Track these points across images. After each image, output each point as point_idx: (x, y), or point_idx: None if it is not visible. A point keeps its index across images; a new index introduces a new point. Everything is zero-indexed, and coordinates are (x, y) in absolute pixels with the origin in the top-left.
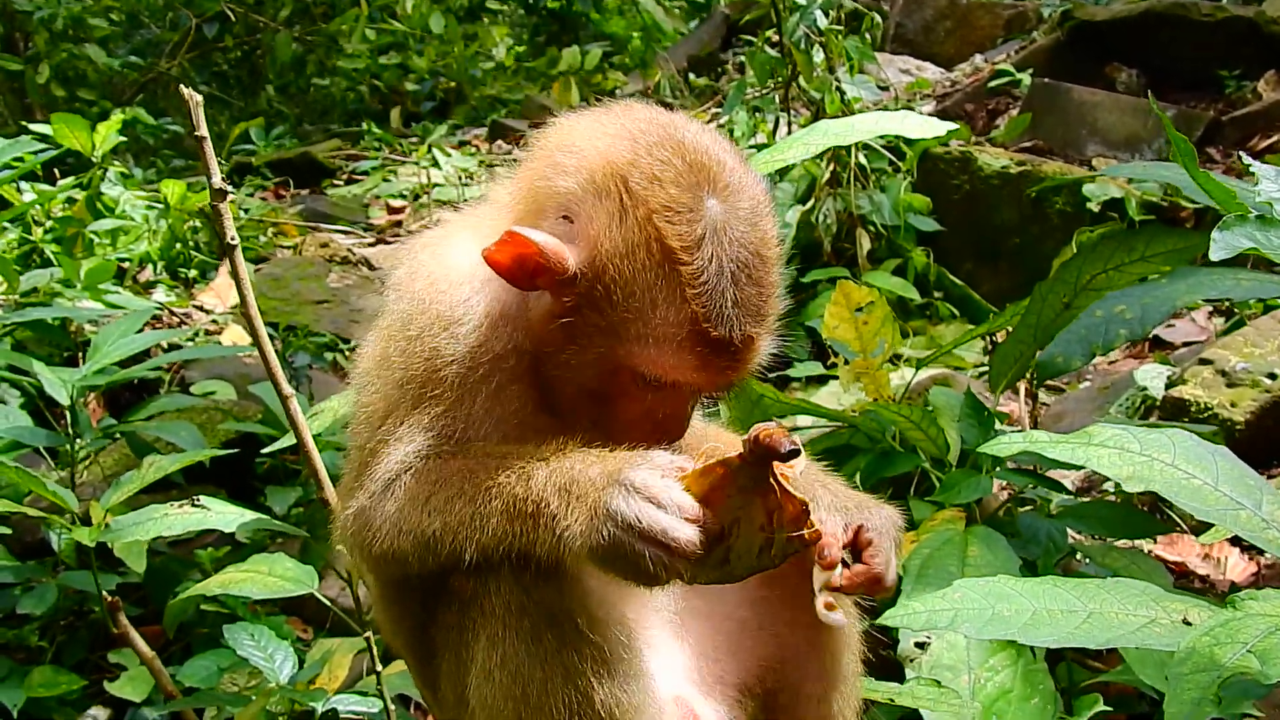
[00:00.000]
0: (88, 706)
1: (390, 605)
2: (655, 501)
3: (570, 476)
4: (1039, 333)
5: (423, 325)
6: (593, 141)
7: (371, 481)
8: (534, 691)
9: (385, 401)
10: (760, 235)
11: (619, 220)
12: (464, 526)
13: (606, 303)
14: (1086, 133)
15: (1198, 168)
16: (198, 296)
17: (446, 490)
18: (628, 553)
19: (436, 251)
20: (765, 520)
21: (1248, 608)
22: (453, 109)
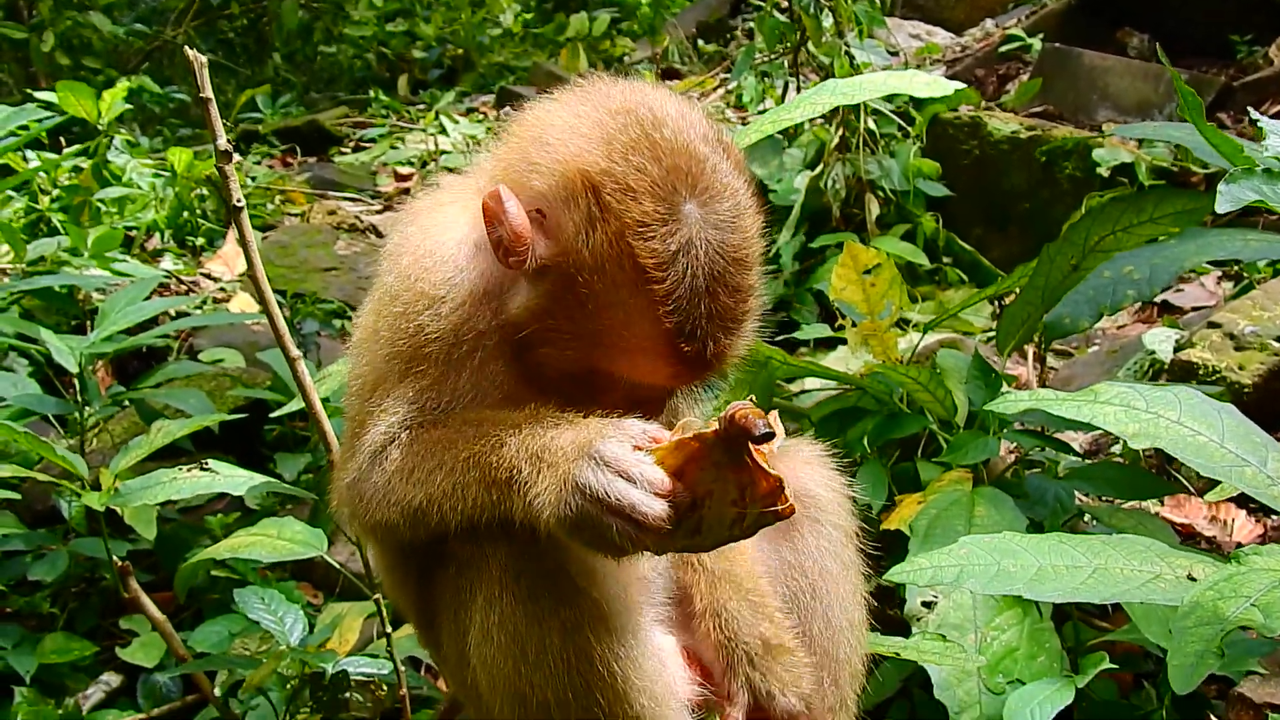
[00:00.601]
0: (100, 673)
1: (392, 569)
2: (625, 475)
3: (542, 443)
4: (1047, 294)
5: (407, 301)
6: (566, 142)
7: (360, 453)
8: (532, 649)
9: (374, 373)
10: (740, 238)
11: (589, 232)
12: (446, 498)
13: (579, 311)
14: (1097, 98)
15: (1205, 122)
16: (205, 264)
17: (428, 462)
18: (595, 525)
19: (424, 225)
20: (737, 495)
21: (1251, 562)
22: (460, 76)
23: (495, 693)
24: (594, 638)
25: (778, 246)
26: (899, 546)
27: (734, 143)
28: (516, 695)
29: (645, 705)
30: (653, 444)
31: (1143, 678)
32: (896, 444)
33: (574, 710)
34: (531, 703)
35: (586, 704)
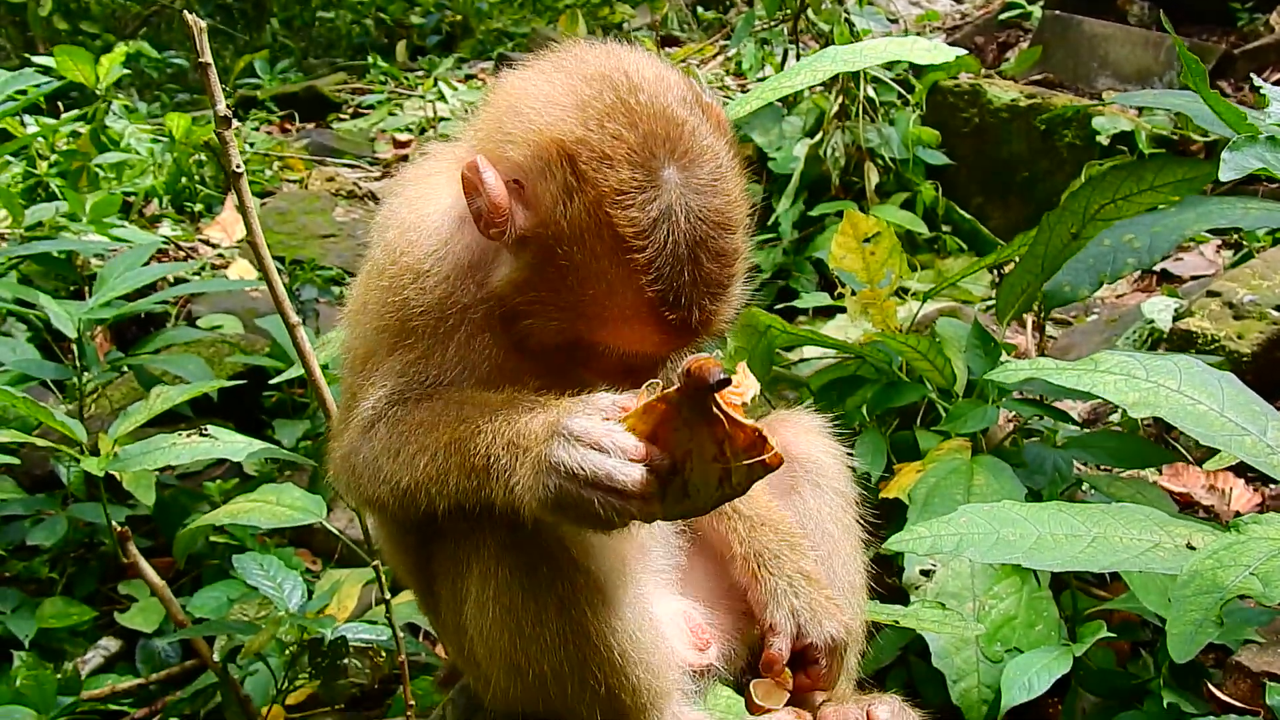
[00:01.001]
0: (98, 637)
1: (391, 538)
2: (597, 446)
3: (516, 429)
4: (1046, 263)
5: (393, 275)
6: (540, 111)
7: (353, 425)
8: (528, 623)
9: (364, 345)
10: (723, 201)
11: (566, 203)
12: (431, 482)
13: (560, 282)
14: (1097, 66)
15: (1208, 88)
16: (203, 231)
17: (411, 444)
18: (576, 501)
19: (409, 196)
20: (717, 451)
21: (1250, 531)
22: (459, 42)
23: (493, 662)
24: (590, 611)
25: (777, 215)
26: (898, 515)
27: (716, 104)
28: (513, 666)
29: (641, 677)
30: (621, 414)
31: (1140, 646)
32: (895, 412)
33: (570, 682)
34: (528, 673)
35: (582, 676)
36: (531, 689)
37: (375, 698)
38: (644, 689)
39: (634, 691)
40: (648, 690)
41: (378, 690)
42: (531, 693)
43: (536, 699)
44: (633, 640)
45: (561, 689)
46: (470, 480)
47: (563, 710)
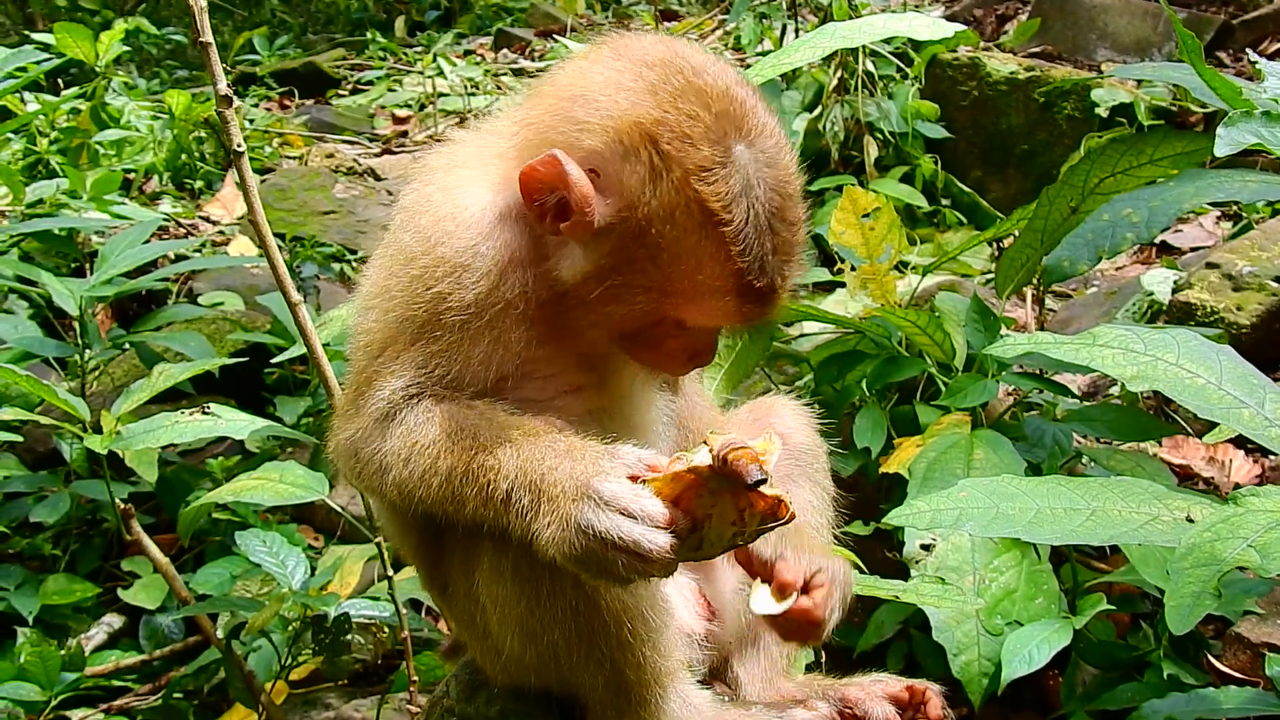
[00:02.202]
0: (102, 614)
1: (394, 515)
2: (626, 513)
3: (540, 472)
4: (1046, 237)
5: (426, 265)
6: (613, 96)
7: (363, 414)
8: (544, 591)
9: (384, 332)
10: (787, 174)
11: (653, 183)
12: (446, 502)
13: (650, 263)
14: (1096, 37)
15: (1204, 64)
16: (204, 208)
17: (423, 461)
18: (599, 561)
19: (444, 185)
20: (736, 516)
21: (1249, 504)
22: (457, 18)
23: (505, 628)
24: (603, 586)
25: None
26: (898, 489)
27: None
28: (527, 632)
29: (648, 655)
30: (649, 472)
31: (1140, 618)
32: (895, 387)
33: (578, 652)
34: (542, 640)
35: (590, 648)
36: (543, 656)
37: (378, 673)
38: (649, 666)
39: (639, 668)
40: (652, 668)
41: (381, 666)
42: (542, 660)
43: (546, 666)
44: (643, 619)
45: (570, 658)
46: (487, 510)
47: (570, 680)
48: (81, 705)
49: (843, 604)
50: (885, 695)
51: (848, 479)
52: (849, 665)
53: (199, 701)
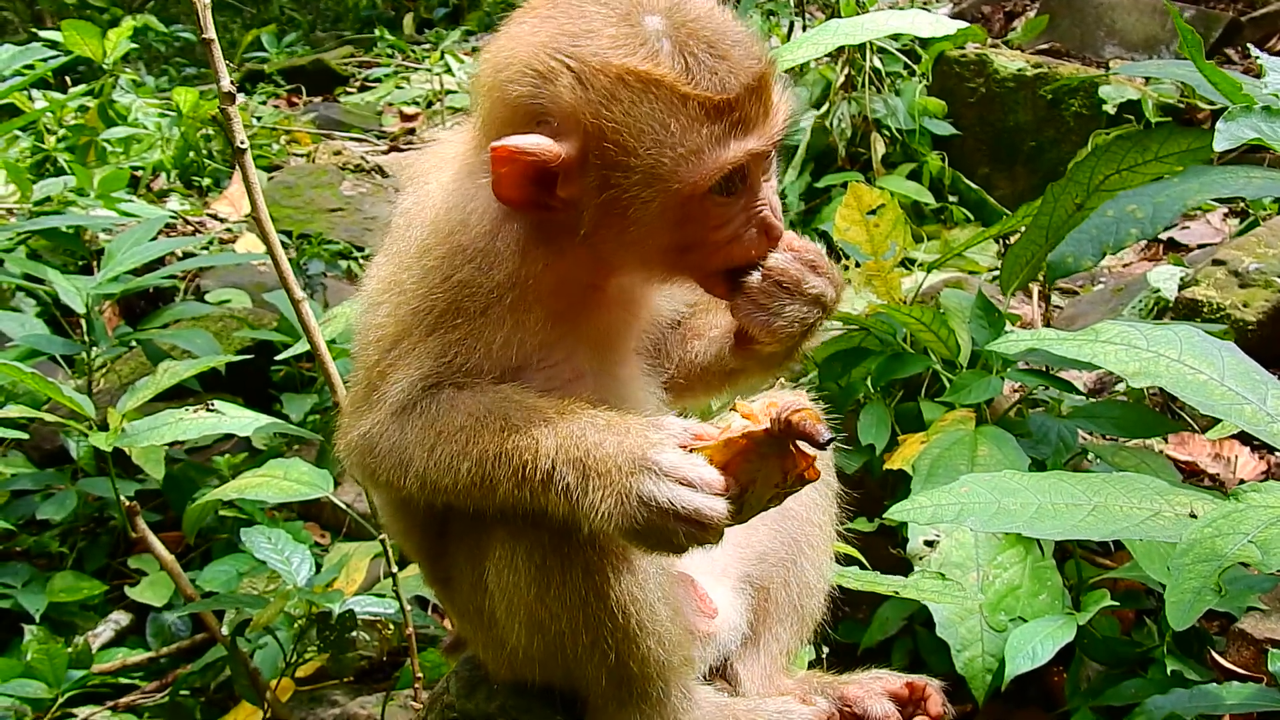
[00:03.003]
0: (109, 611)
1: (400, 509)
2: (685, 482)
3: (584, 448)
4: (1051, 233)
5: (443, 255)
6: (520, 40)
7: (378, 408)
8: (555, 580)
9: (397, 326)
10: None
11: (584, 86)
12: (474, 487)
13: (627, 158)
14: (1104, 34)
15: (1204, 60)
16: (211, 205)
17: (450, 446)
18: (660, 532)
19: (445, 182)
20: (780, 479)
21: (1250, 500)
22: (466, 15)
23: (513, 618)
24: (613, 577)
25: (783, 186)
26: (902, 486)
27: None
28: (534, 622)
29: (652, 649)
30: (695, 441)
31: (1144, 614)
32: (900, 384)
33: (584, 643)
34: (549, 630)
35: (597, 638)
36: (549, 647)
37: (384, 670)
38: (653, 660)
39: (643, 661)
40: (656, 662)
41: (386, 662)
42: (547, 651)
43: (551, 658)
44: (649, 612)
45: (575, 649)
46: (522, 492)
47: (574, 672)
48: (88, 702)
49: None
50: (885, 692)
51: (852, 475)
52: (853, 661)
53: (205, 698)
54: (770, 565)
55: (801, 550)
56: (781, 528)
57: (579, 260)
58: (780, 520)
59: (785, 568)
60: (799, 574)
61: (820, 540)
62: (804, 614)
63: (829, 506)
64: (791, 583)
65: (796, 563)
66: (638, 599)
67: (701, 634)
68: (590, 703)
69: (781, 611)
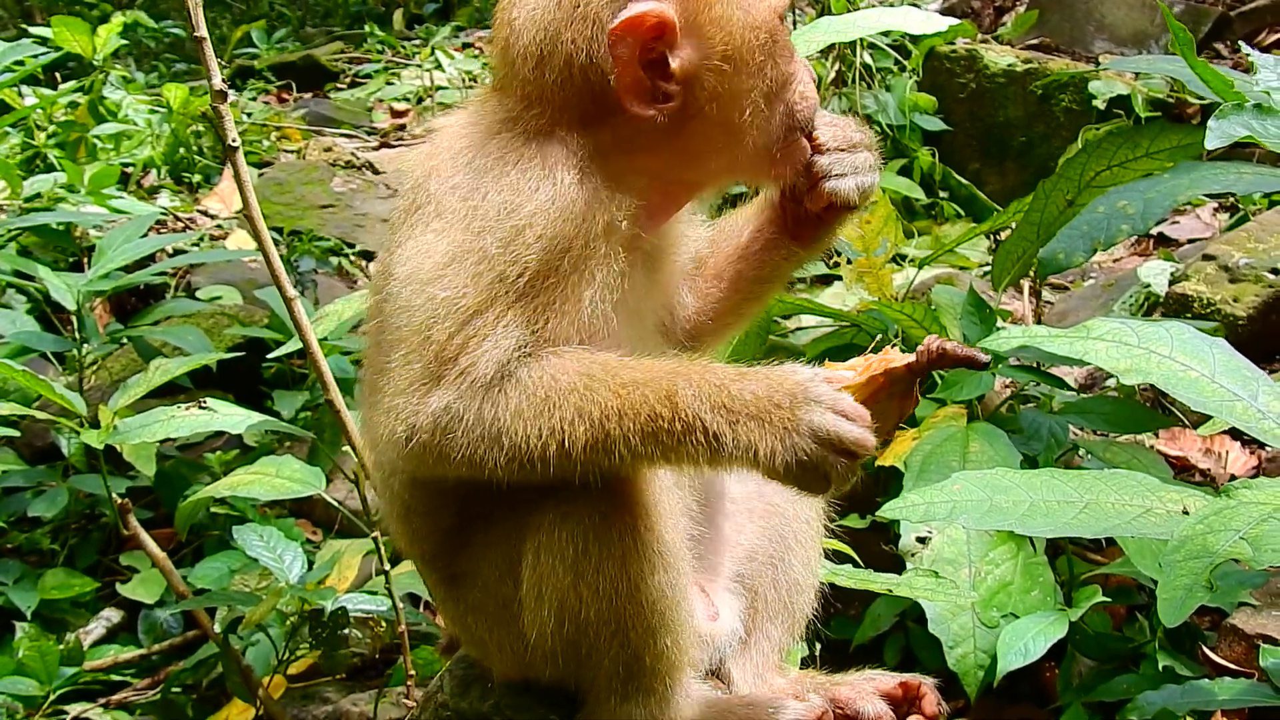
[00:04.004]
0: (100, 608)
1: (412, 503)
2: (845, 414)
3: (730, 394)
4: (1042, 230)
5: (533, 211)
6: None
7: (455, 385)
8: (590, 568)
9: (480, 296)
10: None
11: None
12: (589, 447)
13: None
14: (1093, 29)
15: (1195, 57)
16: (202, 201)
17: (563, 410)
18: (818, 464)
19: (501, 144)
20: (896, 421)
21: (1241, 496)
22: (455, 10)
23: (542, 605)
24: (647, 570)
25: None
26: (893, 482)
27: None
28: (565, 609)
29: (668, 645)
30: (840, 384)
31: (1136, 610)
32: None
33: (606, 633)
34: (579, 616)
35: (618, 630)
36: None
37: (376, 667)
38: (665, 656)
39: (656, 656)
40: (668, 658)
41: (379, 660)
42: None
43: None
44: (674, 609)
45: (595, 639)
46: (653, 446)
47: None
48: (80, 700)
49: None
50: (878, 692)
51: None
52: (845, 658)
53: (197, 695)
54: (759, 563)
55: (790, 547)
56: (769, 525)
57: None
58: (767, 518)
59: (774, 565)
60: (788, 571)
61: (808, 536)
62: (794, 611)
63: (816, 501)
64: (781, 580)
65: (785, 560)
66: (666, 595)
67: (704, 636)
68: (592, 696)
69: (772, 609)
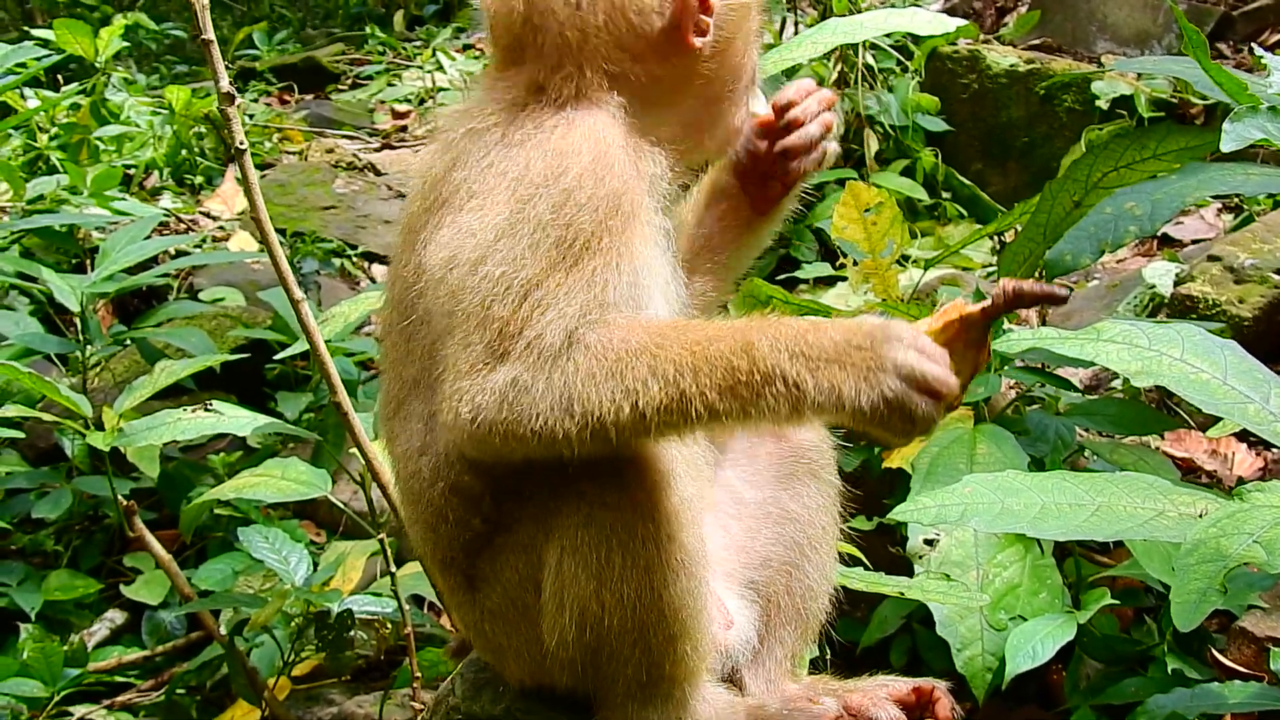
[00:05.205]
0: (104, 610)
1: (460, 506)
2: (925, 352)
3: (808, 342)
4: (1048, 231)
5: (582, 171)
6: None
7: (523, 359)
8: (614, 574)
9: (535, 266)
10: None
11: None
12: (661, 411)
13: None
14: (1096, 29)
15: (1209, 59)
16: (204, 203)
17: (636, 370)
18: (902, 403)
19: (525, 119)
20: (971, 372)
21: (1254, 499)
22: (456, 12)
23: (564, 611)
24: (670, 580)
25: None
26: (900, 485)
27: None
28: (587, 614)
29: (688, 652)
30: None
31: (1144, 612)
32: None
33: (628, 640)
34: (602, 623)
35: (640, 637)
36: (588, 644)
37: (381, 669)
38: (684, 663)
39: (675, 662)
40: (687, 664)
41: (384, 661)
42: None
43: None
44: (694, 617)
45: (615, 644)
46: (730, 399)
47: (605, 670)
48: (84, 701)
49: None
50: (891, 697)
51: (851, 473)
52: (853, 661)
53: (202, 697)
54: (774, 570)
55: (804, 554)
56: (784, 532)
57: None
58: (783, 524)
59: (788, 573)
60: (802, 578)
61: (823, 542)
62: (807, 617)
63: (831, 507)
64: (795, 588)
65: (800, 567)
66: (688, 603)
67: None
68: (609, 702)
69: (785, 616)
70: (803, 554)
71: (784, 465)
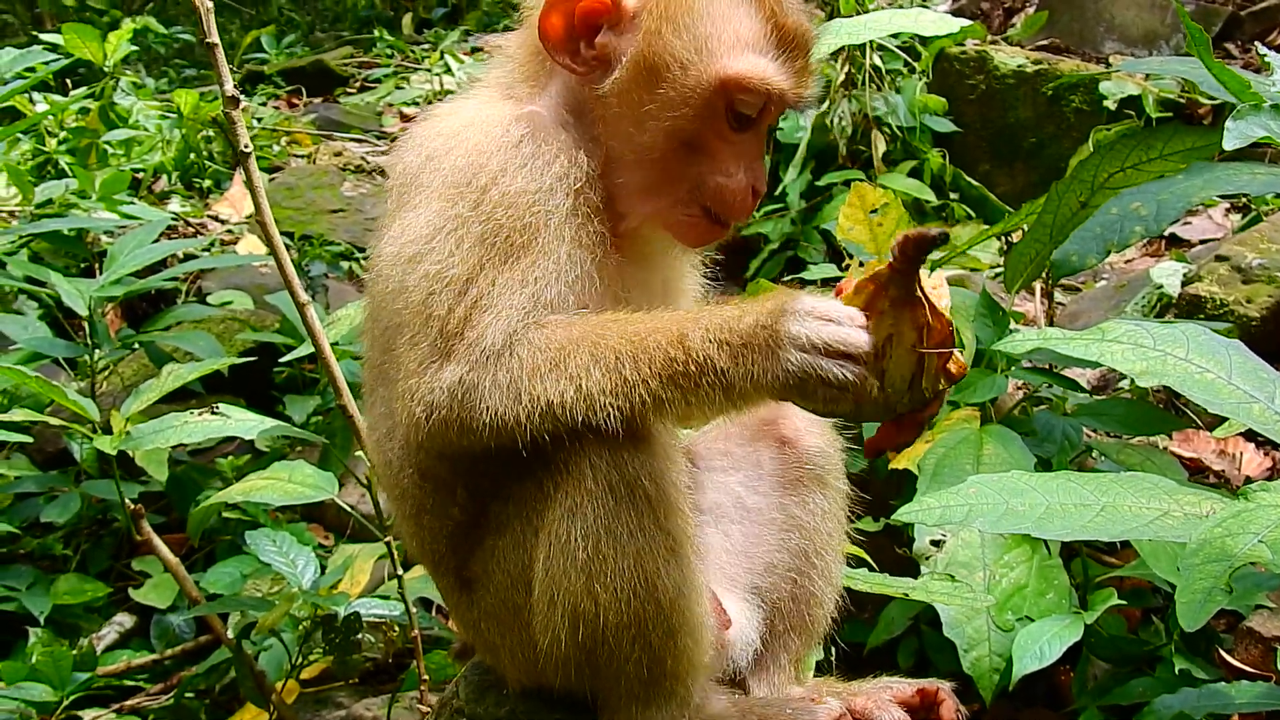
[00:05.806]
0: (113, 613)
1: (425, 505)
2: (827, 318)
3: (729, 330)
4: (1055, 232)
5: (494, 172)
6: None
7: (466, 357)
8: (606, 569)
9: (466, 263)
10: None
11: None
12: (606, 394)
13: (684, 21)
14: (1104, 30)
15: (1213, 58)
16: (213, 207)
17: (579, 357)
18: (814, 371)
19: (466, 113)
20: (916, 339)
21: (1259, 499)
22: (464, 15)
23: (555, 610)
24: (662, 569)
25: (784, 185)
26: (907, 485)
27: None
28: (578, 610)
29: (689, 646)
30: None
31: (1151, 612)
32: None
33: (626, 636)
34: (596, 620)
35: (638, 633)
36: (585, 642)
37: (389, 672)
38: (684, 658)
39: (676, 658)
40: (687, 661)
41: (391, 664)
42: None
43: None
44: (690, 607)
45: (617, 643)
46: (673, 389)
47: (604, 669)
48: (93, 705)
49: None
50: (895, 700)
51: (857, 475)
52: (859, 662)
53: (210, 701)
54: (778, 577)
55: (810, 561)
56: (788, 539)
57: (603, 161)
58: (788, 531)
59: (793, 579)
60: (807, 585)
61: (829, 549)
62: (812, 623)
63: (838, 514)
64: (800, 594)
65: (805, 574)
66: (683, 592)
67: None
68: (610, 703)
69: (790, 622)
70: (808, 561)
71: (789, 471)
